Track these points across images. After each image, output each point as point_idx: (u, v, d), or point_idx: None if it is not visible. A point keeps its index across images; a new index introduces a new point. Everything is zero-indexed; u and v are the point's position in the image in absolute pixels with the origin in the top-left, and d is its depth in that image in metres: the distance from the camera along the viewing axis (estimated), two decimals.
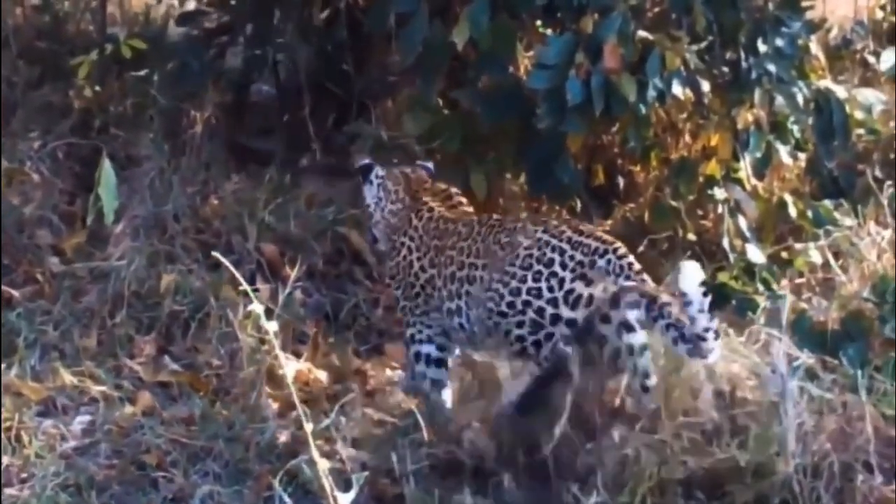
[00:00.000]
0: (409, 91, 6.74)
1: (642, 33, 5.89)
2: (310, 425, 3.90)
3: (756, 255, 6.08)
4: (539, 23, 6.47)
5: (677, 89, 5.95)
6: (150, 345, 5.92)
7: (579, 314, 5.17)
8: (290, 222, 6.63)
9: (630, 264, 5.18)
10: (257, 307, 4.33)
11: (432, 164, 5.95)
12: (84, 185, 6.51)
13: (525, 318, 5.23)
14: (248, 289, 4.27)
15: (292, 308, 5.92)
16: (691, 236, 6.43)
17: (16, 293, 6.08)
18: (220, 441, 5.25)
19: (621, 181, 6.80)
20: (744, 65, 6.12)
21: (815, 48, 6.64)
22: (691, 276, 4.85)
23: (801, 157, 6.51)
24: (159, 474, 5.13)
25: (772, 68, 6.08)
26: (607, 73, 5.71)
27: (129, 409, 5.49)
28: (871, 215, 6.26)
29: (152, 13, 7.91)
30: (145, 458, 5.23)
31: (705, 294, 4.86)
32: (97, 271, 6.22)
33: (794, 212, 6.33)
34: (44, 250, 6.36)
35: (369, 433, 5.28)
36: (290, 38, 6.83)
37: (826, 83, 6.43)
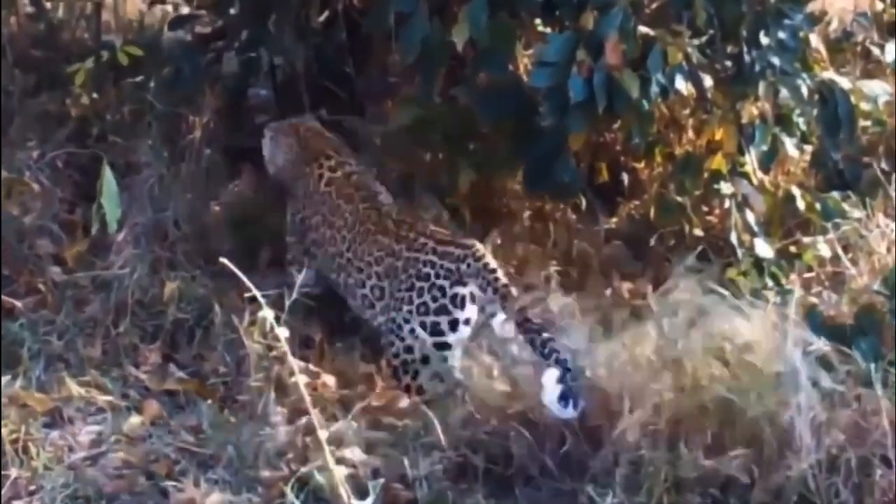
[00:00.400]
0: (410, 91, 6.70)
1: (643, 29, 5.85)
2: (324, 431, 3.87)
3: (764, 249, 6.05)
4: (538, 21, 6.43)
5: (680, 84, 5.90)
6: (156, 353, 5.88)
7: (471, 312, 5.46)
8: None
9: (486, 265, 5.47)
10: (268, 313, 4.30)
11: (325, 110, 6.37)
12: (84, 194, 6.46)
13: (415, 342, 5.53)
14: (258, 294, 4.24)
15: (298, 313, 5.88)
16: (698, 232, 6.36)
17: (18, 304, 6.02)
18: (230, 448, 5.20)
19: (626, 178, 6.76)
20: (746, 58, 6.07)
21: (815, 40, 6.60)
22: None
23: (807, 149, 6.47)
24: (169, 483, 5.08)
25: (775, 61, 6.03)
26: (609, 70, 5.67)
27: (136, 419, 5.45)
28: (878, 207, 6.23)
29: (146, 19, 7.87)
30: (154, 467, 5.19)
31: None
32: (99, 280, 6.17)
33: (802, 205, 6.27)
34: (45, 260, 6.30)
35: (380, 438, 5.24)
36: (287, 40, 6.78)
37: (830, 75, 6.39)
